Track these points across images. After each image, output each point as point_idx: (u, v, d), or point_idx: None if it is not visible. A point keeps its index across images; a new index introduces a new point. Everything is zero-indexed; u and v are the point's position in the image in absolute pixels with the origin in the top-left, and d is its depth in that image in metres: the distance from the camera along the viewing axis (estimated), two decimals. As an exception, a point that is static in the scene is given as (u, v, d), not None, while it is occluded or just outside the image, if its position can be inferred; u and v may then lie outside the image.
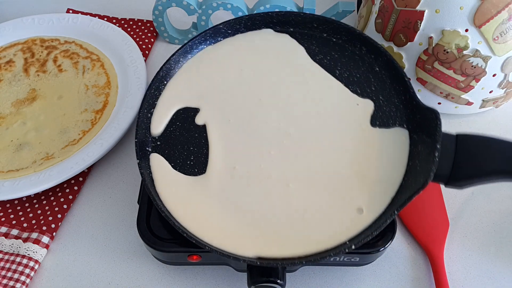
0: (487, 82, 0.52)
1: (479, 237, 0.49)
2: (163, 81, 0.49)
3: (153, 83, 0.48)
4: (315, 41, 0.51)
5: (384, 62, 0.48)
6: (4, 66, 0.61)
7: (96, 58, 0.61)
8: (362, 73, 0.48)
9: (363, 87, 0.47)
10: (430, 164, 0.38)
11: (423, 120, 0.42)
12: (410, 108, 0.45)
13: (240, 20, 0.52)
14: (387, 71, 0.48)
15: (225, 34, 0.52)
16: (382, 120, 0.45)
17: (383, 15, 0.54)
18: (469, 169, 0.38)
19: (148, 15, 0.67)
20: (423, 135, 0.42)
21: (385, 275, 0.46)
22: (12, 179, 0.50)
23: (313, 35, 0.52)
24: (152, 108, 0.48)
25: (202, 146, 0.46)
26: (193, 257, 0.43)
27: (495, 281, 0.46)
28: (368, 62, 0.49)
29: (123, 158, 0.55)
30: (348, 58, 0.50)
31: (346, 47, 0.50)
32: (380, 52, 0.48)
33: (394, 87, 0.47)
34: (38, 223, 0.49)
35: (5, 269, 0.46)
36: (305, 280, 0.46)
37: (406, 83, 0.45)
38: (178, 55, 0.50)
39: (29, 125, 0.55)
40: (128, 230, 0.49)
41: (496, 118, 0.58)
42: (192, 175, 0.44)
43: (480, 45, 0.49)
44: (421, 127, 0.43)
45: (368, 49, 0.49)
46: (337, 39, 0.51)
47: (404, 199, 0.38)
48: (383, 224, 0.39)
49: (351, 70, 0.49)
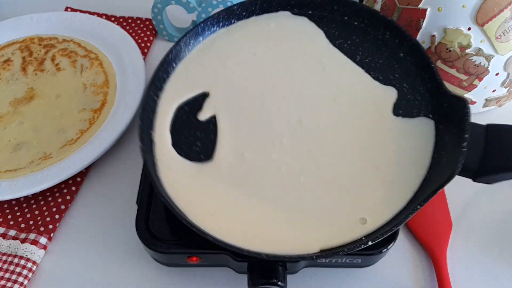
0: (490, 81, 0.52)
1: (482, 237, 0.48)
2: (172, 64, 0.47)
3: (161, 65, 0.46)
4: (335, 25, 0.49)
5: (409, 48, 0.46)
6: (2, 65, 0.60)
7: (95, 56, 0.61)
8: (385, 59, 0.46)
9: (385, 74, 0.45)
10: (457, 155, 0.35)
11: (451, 109, 0.40)
12: (437, 96, 0.42)
13: (255, 1, 0.50)
14: (412, 57, 0.45)
15: (239, 16, 0.50)
16: (405, 109, 0.43)
17: (385, 13, 0.54)
18: (500, 162, 0.36)
19: (147, 13, 0.66)
20: (450, 125, 0.39)
21: (388, 277, 0.46)
22: (10, 179, 0.50)
23: (333, 18, 0.49)
24: (159, 91, 0.46)
25: (210, 132, 0.44)
26: (192, 258, 0.42)
27: (498, 281, 0.45)
28: (392, 48, 0.46)
29: (121, 158, 0.54)
30: (370, 43, 0.47)
31: (369, 31, 0.48)
32: (406, 37, 0.46)
33: (420, 74, 0.44)
34: (36, 223, 0.49)
35: (2, 270, 0.45)
36: (306, 282, 0.46)
37: (433, 70, 0.43)
38: (188, 37, 0.48)
39: (26, 125, 0.54)
40: (126, 231, 0.49)
41: (499, 117, 0.57)
42: (198, 161, 0.42)
43: (483, 44, 0.49)
44: (448, 117, 0.40)
45: (392, 34, 0.47)
46: (358, 23, 0.49)
47: (428, 193, 0.36)
48: (405, 219, 0.36)
49: (373, 56, 0.46)
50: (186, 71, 0.48)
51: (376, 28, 0.48)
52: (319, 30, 0.49)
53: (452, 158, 0.36)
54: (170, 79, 0.47)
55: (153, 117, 0.45)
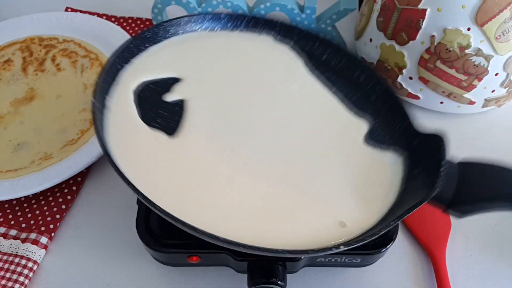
0: (489, 81, 0.52)
1: (481, 237, 0.48)
2: (145, 44, 0.46)
3: (134, 39, 0.45)
4: (314, 60, 0.50)
5: (382, 92, 0.47)
6: (2, 65, 0.60)
7: (95, 57, 0.61)
8: (358, 98, 0.47)
9: (358, 110, 0.46)
10: (434, 179, 0.37)
11: (423, 145, 0.41)
12: (407, 134, 0.44)
13: (242, 17, 0.51)
14: (384, 101, 0.47)
15: (224, 26, 0.51)
16: (376, 141, 0.44)
17: (385, 13, 0.54)
18: (473, 193, 0.37)
19: (147, 13, 0.66)
20: (422, 159, 0.41)
21: (387, 276, 0.46)
22: (11, 179, 0.50)
23: (313, 55, 0.51)
24: (124, 63, 0.44)
25: (175, 113, 0.43)
26: (192, 258, 0.42)
27: (497, 281, 0.46)
28: (365, 90, 0.48)
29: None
30: (345, 82, 0.49)
31: (344, 72, 0.50)
32: (379, 82, 0.47)
33: (391, 115, 0.46)
34: (37, 223, 0.49)
35: (3, 270, 0.45)
36: (306, 281, 0.46)
37: (405, 113, 0.44)
38: (169, 24, 0.48)
39: (27, 125, 0.54)
40: (127, 231, 0.49)
41: (498, 118, 0.58)
42: (157, 130, 0.41)
43: (482, 44, 0.49)
44: (419, 152, 0.41)
45: (366, 77, 0.49)
46: (336, 63, 0.50)
47: (403, 211, 0.37)
48: (378, 232, 0.36)
49: (347, 93, 0.48)
50: (159, 54, 0.47)
51: (352, 70, 0.49)
52: (299, 59, 0.50)
53: (428, 181, 0.37)
54: (139, 56, 0.46)
55: (111, 84, 0.43)
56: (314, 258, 0.42)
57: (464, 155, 0.54)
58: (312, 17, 0.60)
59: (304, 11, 0.59)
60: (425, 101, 0.56)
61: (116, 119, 0.41)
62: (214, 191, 0.39)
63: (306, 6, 0.59)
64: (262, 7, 0.59)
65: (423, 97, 0.56)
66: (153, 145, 0.41)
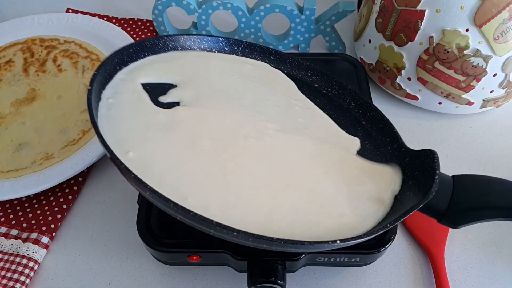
0: (488, 82, 0.52)
1: (480, 237, 0.49)
2: (144, 53, 0.48)
3: (134, 45, 0.47)
4: (306, 87, 0.52)
5: (371, 117, 0.49)
6: (3, 66, 0.61)
7: (96, 57, 0.61)
8: (348, 122, 0.49)
9: (350, 130, 0.48)
10: (428, 185, 0.38)
11: (415, 160, 0.42)
12: (399, 153, 0.45)
13: (240, 43, 0.53)
14: (374, 125, 0.48)
15: (222, 49, 0.53)
16: (368, 158, 0.45)
17: (384, 14, 0.54)
18: (465, 204, 0.38)
19: (148, 14, 0.67)
20: (416, 172, 0.41)
21: (386, 276, 0.46)
22: (12, 179, 0.50)
23: (305, 82, 0.53)
24: (122, 65, 0.46)
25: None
26: (193, 257, 0.42)
27: (496, 281, 0.46)
28: (355, 116, 0.50)
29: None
30: (335, 108, 0.50)
31: (335, 100, 0.51)
32: (370, 107, 0.49)
33: (381, 138, 0.47)
34: (38, 223, 0.49)
35: (4, 269, 0.46)
36: (305, 281, 0.46)
37: (395, 134, 0.46)
38: (169, 39, 0.49)
39: (28, 125, 0.55)
40: (127, 230, 0.49)
41: (497, 118, 0.58)
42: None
43: (481, 45, 0.49)
44: (412, 167, 0.42)
45: (356, 105, 0.50)
46: (327, 91, 0.52)
47: (398, 215, 0.37)
48: (374, 233, 0.36)
49: (338, 116, 0.49)
50: (156, 63, 0.48)
51: (342, 98, 0.51)
52: (292, 82, 0.52)
53: (423, 188, 0.38)
54: (137, 62, 0.47)
55: (108, 80, 0.44)
56: (314, 257, 0.42)
57: (463, 155, 0.55)
58: (311, 18, 0.61)
59: (304, 12, 0.60)
60: (424, 102, 0.56)
61: (112, 110, 0.42)
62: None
63: (306, 7, 0.60)
64: (261, 8, 0.60)
65: (422, 98, 0.56)
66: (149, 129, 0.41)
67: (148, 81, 0.46)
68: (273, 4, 0.59)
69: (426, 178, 0.39)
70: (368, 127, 0.48)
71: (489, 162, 0.54)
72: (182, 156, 0.40)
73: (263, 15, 0.61)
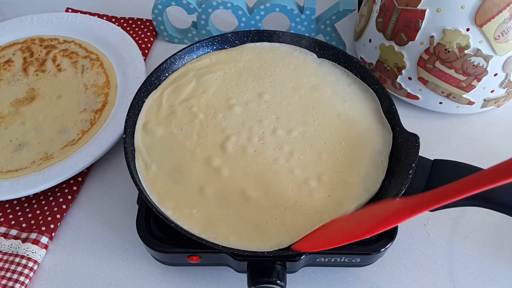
0: (488, 81, 0.52)
1: (481, 237, 0.48)
2: (165, 73, 0.51)
3: (155, 72, 0.50)
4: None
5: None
6: (3, 65, 0.60)
7: (95, 57, 0.61)
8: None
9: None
10: (403, 180, 0.40)
11: (404, 143, 0.44)
12: (394, 133, 0.46)
13: (248, 33, 0.54)
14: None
15: (232, 44, 0.54)
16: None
17: (384, 14, 0.54)
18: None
19: (148, 14, 0.67)
20: (401, 157, 0.44)
21: (386, 276, 0.46)
22: (11, 179, 0.50)
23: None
24: (145, 98, 0.49)
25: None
26: (192, 258, 0.42)
27: (497, 281, 0.46)
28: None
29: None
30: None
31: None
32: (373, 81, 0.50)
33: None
34: (37, 223, 0.49)
35: (4, 270, 0.46)
36: (305, 281, 0.46)
37: (394, 110, 0.47)
38: (184, 52, 0.51)
39: (28, 125, 0.55)
40: (127, 231, 0.49)
41: (497, 118, 0.58)
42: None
43: (482, 45, 0.49)
44: (400, 150, 0.44)
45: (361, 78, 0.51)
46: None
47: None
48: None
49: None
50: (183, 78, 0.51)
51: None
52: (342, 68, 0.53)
53: (399, 182, 0.41)
54: (161, 85, 0.50)
55: (137, 116, 0.48)
56: (314, 258, 0.42)
57: (463, 155, 0.54)
58: (312, 18, 0.60)
59: (304, 11, 0.60)
60: (424, 102, 0.56)
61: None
62: None
63: (306, 6, 0.59)
64: (262, 7, 0.59)
65: (422, 98, 0.56)
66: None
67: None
68: (273, 3, 0.59)
69: (407, 164, 0.42)
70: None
71: (490, 161, 0.53)
72: None
73: (263, 15, 0.61)
